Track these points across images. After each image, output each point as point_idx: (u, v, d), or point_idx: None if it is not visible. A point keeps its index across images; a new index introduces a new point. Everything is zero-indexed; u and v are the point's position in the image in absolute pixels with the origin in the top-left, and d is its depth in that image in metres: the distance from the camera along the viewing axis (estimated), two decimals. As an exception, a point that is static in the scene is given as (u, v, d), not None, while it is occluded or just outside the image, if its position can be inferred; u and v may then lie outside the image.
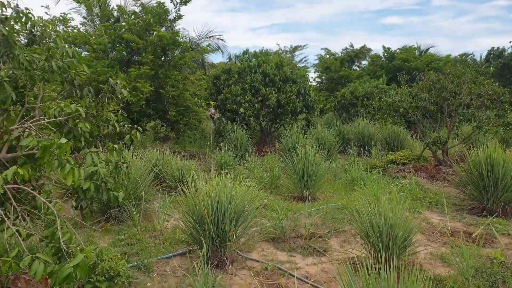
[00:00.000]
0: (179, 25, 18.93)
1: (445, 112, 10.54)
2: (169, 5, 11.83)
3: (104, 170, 2.99)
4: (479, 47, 76.94)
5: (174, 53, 11.78)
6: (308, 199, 7.82)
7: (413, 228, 4.82)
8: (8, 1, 2.92)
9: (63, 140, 2.55)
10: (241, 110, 13.11)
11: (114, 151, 3.37)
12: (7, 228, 2.59)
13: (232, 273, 4.66)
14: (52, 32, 3.16)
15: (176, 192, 7.61)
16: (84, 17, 14.53)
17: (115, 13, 14.40)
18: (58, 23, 11.66)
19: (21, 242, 2.67)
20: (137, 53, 11.71)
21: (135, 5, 12.05)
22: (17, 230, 2.60)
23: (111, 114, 3.31)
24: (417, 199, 7.91)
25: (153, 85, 10.88)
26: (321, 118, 19.28)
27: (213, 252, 4.67)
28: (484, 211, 6.82)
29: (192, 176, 7.42)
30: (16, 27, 3.01)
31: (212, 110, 17.28)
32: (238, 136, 11.86)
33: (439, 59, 23.14)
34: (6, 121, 3.09)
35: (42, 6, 11.54)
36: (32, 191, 2.73)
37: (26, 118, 3.26)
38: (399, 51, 24.06)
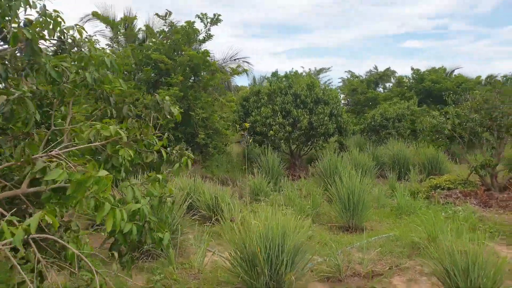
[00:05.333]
0: (206, 47, 18.57)
1: (494, 134, 9.74)
2: (199, 25, 11.40)
3: (148, 207, 2.37)
4: (498, 70, 75.18)
5: (202, 74, 11.33)
6: (354, 229, 7.07)
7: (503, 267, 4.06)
8: (33, 1, 2.39)
9: (103, 173, 1.94)
10: (271, 132, 12.50)
11: (157, 183, 2.77)
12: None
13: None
14: (86, 39, 2.60)
15: (210, 222, 6.95)
16: (110, 39, 14.28)
17: (140, 35, 14.17)
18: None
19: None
20: (166, 74, 11.31)
21: (164, 25, 11.70)
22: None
23: (155, 138, 2.72)
24: (477, 228, 7.03)
25: (182, 107, 10.41)
26: (351, 140, 18.49)
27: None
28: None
29: (228, 205, 6.85)
30: (44, 32, 2.48)
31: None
32: (269, 160, 11.20)
33: (469, 80, 22.43)
34: (29, 147, 2.40)
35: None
36: (60, 240, 2.11)
37: (52, 143, 2.67)
38: (428, 72, 23.47)
